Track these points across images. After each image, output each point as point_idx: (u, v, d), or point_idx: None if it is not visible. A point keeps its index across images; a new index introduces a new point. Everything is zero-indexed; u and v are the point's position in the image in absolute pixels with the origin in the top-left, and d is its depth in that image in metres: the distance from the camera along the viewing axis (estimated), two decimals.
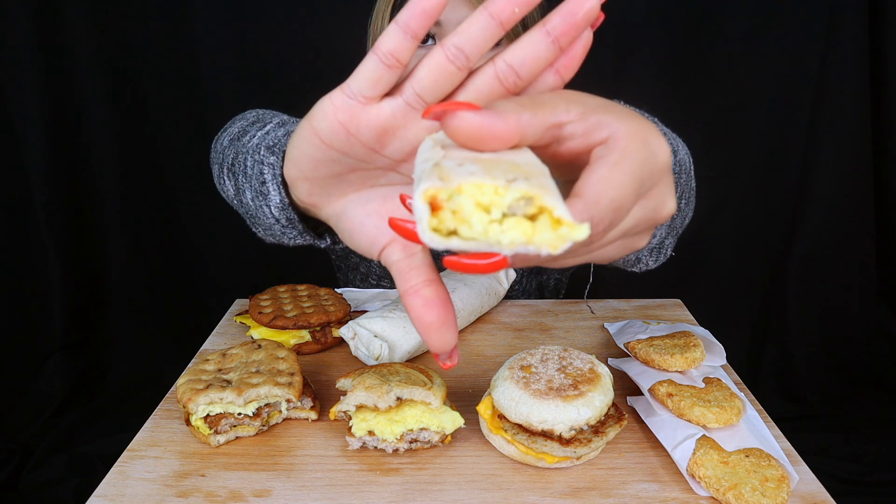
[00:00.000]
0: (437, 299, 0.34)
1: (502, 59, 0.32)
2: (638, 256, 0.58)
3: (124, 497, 0.54)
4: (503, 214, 0.26)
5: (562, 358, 0.60)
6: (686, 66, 1.72)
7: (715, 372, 0.66)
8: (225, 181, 0.59)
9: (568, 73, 0.34)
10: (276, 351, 0.67)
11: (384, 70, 0.32)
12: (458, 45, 0.31)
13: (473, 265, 0.26)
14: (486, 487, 0.55)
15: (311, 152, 0.35)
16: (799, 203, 1.84)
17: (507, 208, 0.25)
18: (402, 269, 0.36)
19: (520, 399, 0.55)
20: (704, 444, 0.55)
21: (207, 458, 0.59)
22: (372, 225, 0.38)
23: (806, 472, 0.56)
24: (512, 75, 0.32)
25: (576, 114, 0.30)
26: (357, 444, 0.58)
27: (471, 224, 0.25)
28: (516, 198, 0.25)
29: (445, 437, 0.59)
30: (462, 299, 0.80)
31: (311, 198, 0.39)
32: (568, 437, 0.54)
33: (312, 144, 0.35)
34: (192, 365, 0.67)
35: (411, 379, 0.59)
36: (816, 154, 1.78)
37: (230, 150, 0.58)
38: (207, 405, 0.59)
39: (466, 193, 0.25)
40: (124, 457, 0.59)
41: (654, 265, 0.63)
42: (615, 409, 0.59)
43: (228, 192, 0.59)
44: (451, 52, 0.31)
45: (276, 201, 0.46)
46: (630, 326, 0.77)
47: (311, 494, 0.54)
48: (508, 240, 0.25)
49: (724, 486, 0.52)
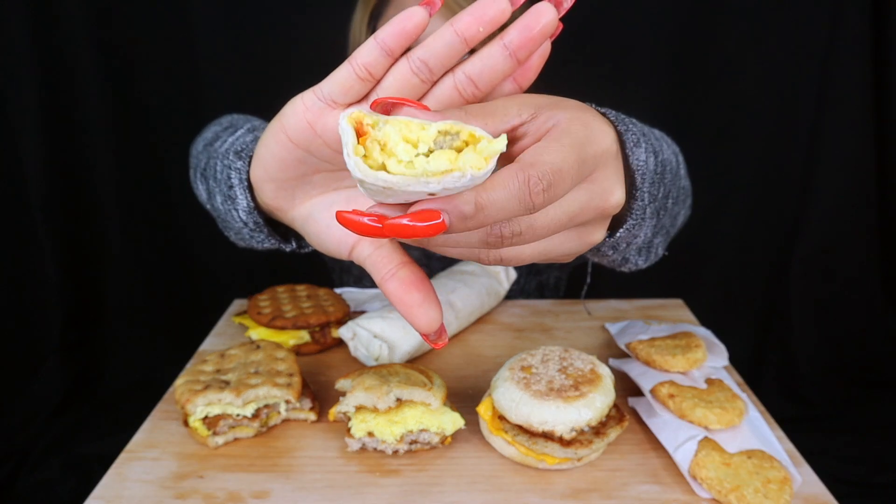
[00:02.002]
0: (414, 278, 0.35)
1: (462, 70, 0.33)
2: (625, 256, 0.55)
3: (122, 499, 0.54)
4: (429, 150, 0.27)
5: (562, 358, 0.59)
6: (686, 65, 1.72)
7: (717, 373, 0.66)
8: (198, 185, 0.60)
9: (525, 83, 0.36)
10: (274, 352, 0.66)
11: (356, 81, 0.33)
12: (423, 59, 0.33)
13: (412, 227, 0.26)
14: (486, 489, 0.54)
15: (277, 150, 0.37)
16: (801, 203, 1.84)
17: (434, 143, 0.27)
18: (374, 261, 0.37)
19: (520, 400, 0.55)
20: (706, 445, 0.55)
21: (206, 459, 0.58)
22: (338, 226, 0.39)
23: (809, 473, 0.56)
24: (470, 86, 0.34)
25: (527, 115, 0.32)
26: (356, 446, 0.58)
27: (398, 157, 0.27)
28: (441, 130, 0.27)
29: (445, 439, 0.59)
30: (462, 299, 0.80)
31: (276, 201, 0.40)
32: (569, 438, 0.54)
33: (279, 142, 0.36)
34: (190, 366, 0.67)
35: (411, 380, 0.59)
36: (819, 153, 1.78)
37: (203, 155, 0.59)
38: (206, 406, 0.59)
39: (393, 125, 0.27)
40: (122, 458, 0.59)
41: (644, 264, 0.61)
42: (616, 410, 0.59)
43: (201, 196, 0.60)
44: (415, 65, 0.33)
45: (244, 205, 0.47)
46: (631, 327, 0.77)
47: (310, 496, 0.54)
48: (434, 167, 0.26)
49: (726, 487, 0.51)
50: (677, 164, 0.57)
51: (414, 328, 0.36)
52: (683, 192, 0.62)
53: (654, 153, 0.48)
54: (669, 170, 0.52)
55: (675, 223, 0.63)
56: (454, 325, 0.79)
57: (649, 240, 0.55)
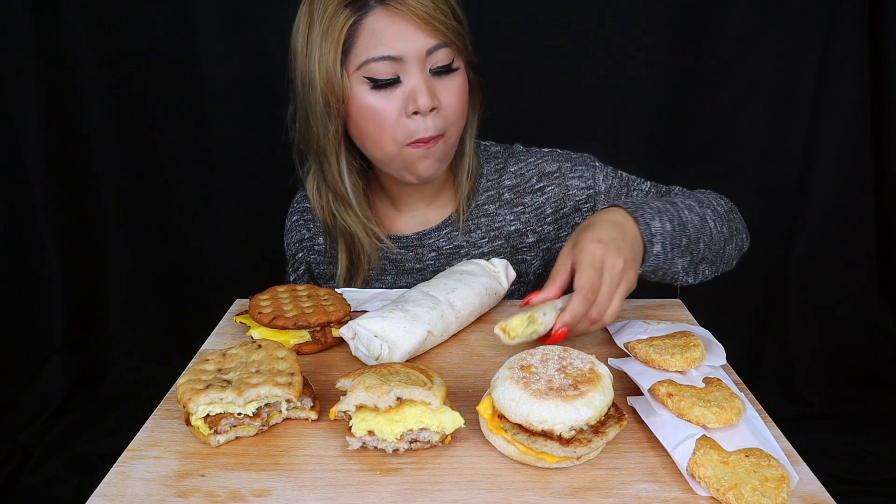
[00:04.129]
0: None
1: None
2: (673, 278, 0.82)
3: (124, 497, 0.54)
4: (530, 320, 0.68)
5: (562, 358, 0.60)
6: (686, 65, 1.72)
7: (715, 372, 0.66)
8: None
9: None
10: (275, 351, 0.67)
11: None
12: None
13: (560, 335, 0.70)
14: (486, 487, 0.55)
15: None
16: (799, 203, 1.84)
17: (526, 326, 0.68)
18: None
19: (520, 399, 0.55)
20: (704, 443, 0.55)
21: (207, 458, 0.59)
22: None
23: (806, 471, 0.56)
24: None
25: (570, 265, 0.72)
26: (357, 444, 0.58)
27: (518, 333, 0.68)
28: (529, 318, 0.68)
29: (445, 437, 0.59)
30: (462, 299, 0.80)
31: None
32: (568, 436, 0.54)
33: None
34: (192, 365, 0.67)
35: (411, 379, 0.59)
36: (816, 154, 1.78)
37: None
38: (207, 405, 0.59)
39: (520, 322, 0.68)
40: (124, 457, 0.59)
41: (694, 282, 0.85)
42: (615, 408, 0.59)
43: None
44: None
45: None
46: (630, 326, 0.77)
47: (311, 494, 0.54)
48: (540, 332, 0.69)
49: (724, 485, 0.52)
50: (703, 219, 0.84)
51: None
52: (722, 236, 0.86)
53: (670, 220, 0.78)
54: (692, 225, 0.81)
55: (721, 256, 0.87)
56: (454, 324, 0.79)
57: (694, 265, 0.82)
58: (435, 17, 0.84)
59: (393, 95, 0.86)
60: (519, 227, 1.03)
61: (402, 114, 0.86)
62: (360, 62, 0.84)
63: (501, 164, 1.05)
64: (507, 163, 1.05)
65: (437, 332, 0.76)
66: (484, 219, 1.03)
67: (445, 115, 0.89)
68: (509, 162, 1.05)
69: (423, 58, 0.85)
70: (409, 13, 0.83)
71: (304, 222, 1.10)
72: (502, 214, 1.03)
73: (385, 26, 0.83)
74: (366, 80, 0.85)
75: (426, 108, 0.85)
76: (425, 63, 0.85)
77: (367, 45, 0.84)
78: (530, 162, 1.04)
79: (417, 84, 0.85)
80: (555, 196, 1.02)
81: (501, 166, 1.05)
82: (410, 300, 0.77)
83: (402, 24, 0.83)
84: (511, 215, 1.03)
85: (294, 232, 1.11)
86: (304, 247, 1.10)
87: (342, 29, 0.84)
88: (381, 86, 0.85)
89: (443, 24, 0.85)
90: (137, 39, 1.70)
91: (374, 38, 0.84)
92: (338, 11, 0.84)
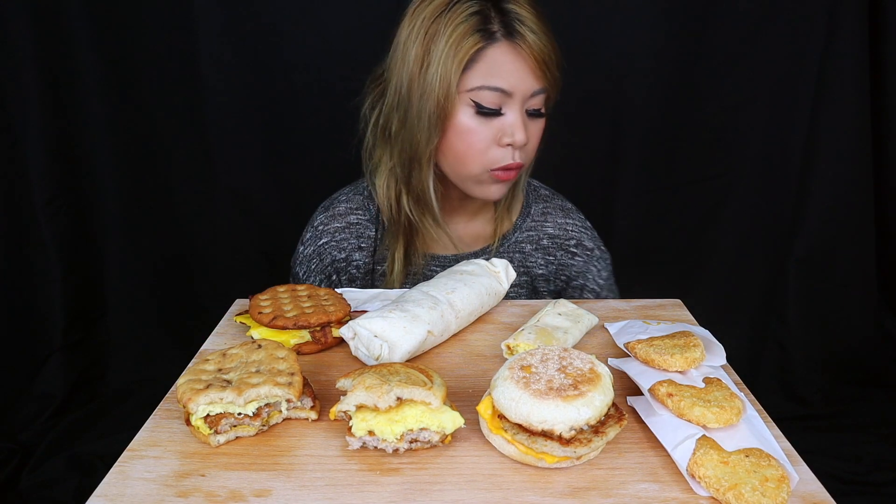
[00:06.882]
0: None
1: None
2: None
3: (124, 497, 0.54)
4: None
5: (562, 358, 0.60)
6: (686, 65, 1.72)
7: (715, 372, 0.66)
8: None
9: None
10: (275, 351, 0.67)
11: None
12: None
13: None
14: (486, 487, 0.55)
15: None
16: (799, 203, 1.84)
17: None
18: None
19: (520, 399, 0.55)
20: (704, 444, 0.56)
21: (207, 457, 0.59)
22: None
23: (806, 471, 0.56)
24: None
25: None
26: (357, 444, 0.58)
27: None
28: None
29: (445, 437, 0.59)
30: (462, 299, 0.80)
31: None
32: (568, 436, 0.54)
33: None
34: (192, 365, 0.67)
35: (411, 379, 0.59)
36: (816, 154, 1.78)
37: None
38: (207, 405, 0.59)
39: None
40: (124, 457, 0.59)
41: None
42: (615, 408, 0.59)
43: None
44: None
45: None
46: (630, 326, 0.77)
47: (311, 494, 0.54)
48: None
49: (724, 485, 0.52)
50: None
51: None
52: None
53: None
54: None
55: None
56: (454, 324, 0.79)
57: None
58: (547, 64, 0.91)
59: (491, 123, 0.92)
60: (545, 273, 1.10)
61: (493, 142, 0.93)
62: (473, 86, 0.90)
63: (550, 209, 1.12)
64: (555, 211, 1.11)
65: (437, 331, 0.76)
66: (518, 255, 1.09)
67: (527, 151, 0.96)
68: (558, 212, 1.12)
69: (527, 98, 0.92)
70: (528, 53, 0.89)
71: (337, 243, 1.08)
72: (535, 257, 1.09)
73: (506, 60, 0.89)
74: (473, 103, 0.91)
75: (521, 144, 0.92)
76: (525, 102, 0.92)
77: (483, 72, 0.89)
78: (577, 226, 1.11)
79: (517, 121, 0.92)
80: (576, 268, 1.10)
81: (549, 212, 1.11)
82: (410, 300, 0.77)
83: (520, 63, 0.89)
84: (543, 261, 1.09)
85: (325, 255, 1.08)
86: (338, 268, 1.09)
87: (468, 52, 0.89)
88: (485, 113, 0.91)
89: (549, 73, 0.92)
90: (137, 39, 1.69)
91: (493, 68, 0.89)
92: (468, 34, 0.88)
